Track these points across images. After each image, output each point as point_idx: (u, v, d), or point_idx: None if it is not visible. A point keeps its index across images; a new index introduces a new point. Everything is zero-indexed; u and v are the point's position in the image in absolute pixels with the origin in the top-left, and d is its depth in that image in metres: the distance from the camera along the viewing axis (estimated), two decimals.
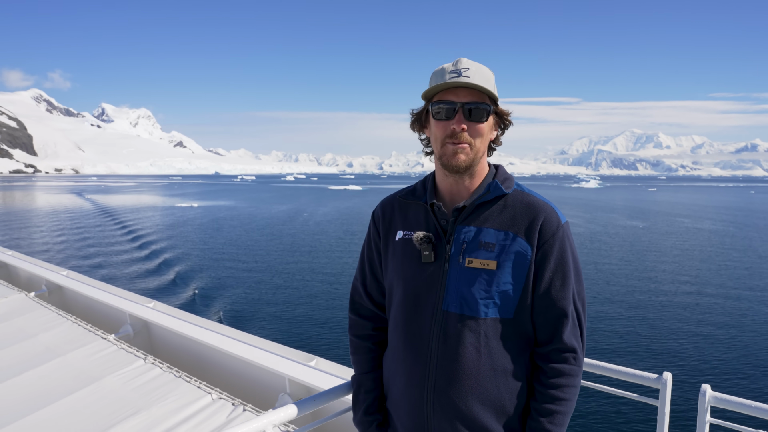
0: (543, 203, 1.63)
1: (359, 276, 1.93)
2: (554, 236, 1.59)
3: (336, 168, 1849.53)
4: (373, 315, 1.89)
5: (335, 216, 48.91)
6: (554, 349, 1.60)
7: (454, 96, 1.58)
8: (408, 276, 1.68)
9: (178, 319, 4.36)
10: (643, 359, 11.82)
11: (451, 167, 1.61)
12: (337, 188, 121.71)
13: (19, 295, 5.25)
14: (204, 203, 67.85)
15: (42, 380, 3.39)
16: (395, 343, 1.73)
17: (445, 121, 1.60)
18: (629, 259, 24.77)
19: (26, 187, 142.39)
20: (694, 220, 47.28)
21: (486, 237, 1.59)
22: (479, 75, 1.56)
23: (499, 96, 1.63)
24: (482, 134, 1.61)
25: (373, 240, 1.86)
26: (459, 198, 1.69)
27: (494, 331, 1.57)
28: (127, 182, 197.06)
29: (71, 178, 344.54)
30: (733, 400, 1.87)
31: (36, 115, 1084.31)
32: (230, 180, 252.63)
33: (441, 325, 1.60)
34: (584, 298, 1.65)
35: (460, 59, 1.60)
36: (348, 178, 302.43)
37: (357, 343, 1.92)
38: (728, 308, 16.29)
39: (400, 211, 1.79)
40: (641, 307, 16.20)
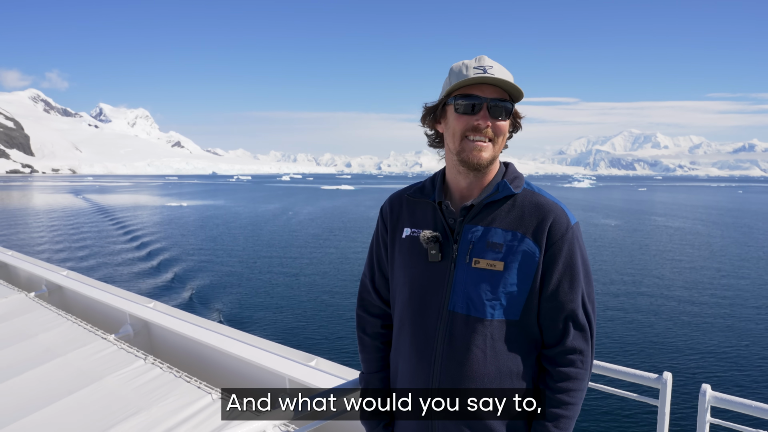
0: (552, 203, 1.60)
1: (368, 272, 1.89)
2: (563, 237, 1.56)
3: (334, 168, 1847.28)
4: (381, 312, 1.86)
5: (327, 215, 49.27)
6: (561, 352, 1.58)
7: (479, 92, 1.55)
8: (414, 275, 1.66)
9: (178, 319, 4.36)
10: (643, 359, 11.85)
11: (470, 164, 1.59)
12: (329, 188, 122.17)
13: (19, 295, 5.25)
14: (194, 203, 68.33)
15: (42, 380, 3.39)
16: (400, 342, 1.72)
17: (467, 116, 1.57)
18: (629, 259, 24.80)
19: (23, 187, 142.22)
20: (667, 218, 48.21)
21: (493, 237, 1.57)
22: (503, 73, 1.55)
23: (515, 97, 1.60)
24: (504, 132, 1.60)
25: (380, 235, 1.84)
26: (468, 196, 1.66)
27: (500, 333, 1.56)
28: (122, 182, 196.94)
29: (67, 178, 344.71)
30: (733, 400, 1.87)
31: (33, 115, 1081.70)
32: (226, 180, 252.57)
33: (447, 326, 1.58)
34: (594, 300, 1.62)
35: (482, 56, 1.58)
36: (344, 178, 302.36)
37: (365, 341, 1.88)
38: (728, 308, 16.34)
39: (407, 208, 1.76)
40: (641, 307, 16.24)
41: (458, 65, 1.60)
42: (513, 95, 1.58)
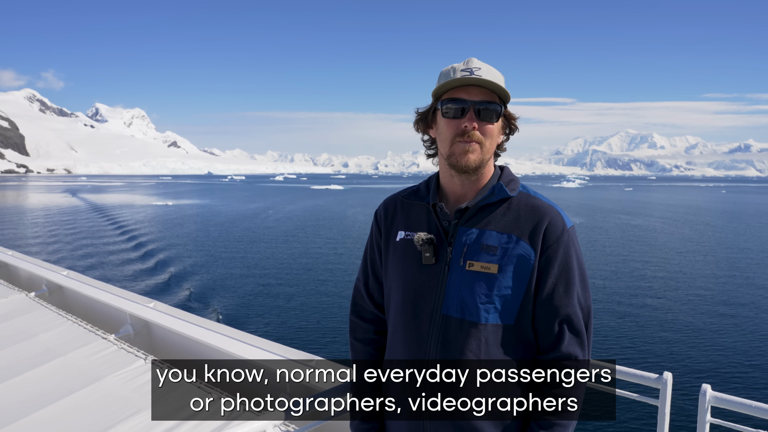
0: (548, 206, 1.58)
1: (361, 276, 1.87)
2: (558, 241, 1.54)
3: (331, 168, 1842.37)
4: (375, 318, 1.83)
5: (306, 214, 49.92)
6: (556, 358, 1.54)
7: (465, 94, 1.54)
8: (408, 278, 1.64)
9: (179, 319, 4.35)
10: (643, 359, 11.86)
11: (460, 167, 1.57)
12: (318, 188, 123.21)
13: (19, 295, 5.23)
14: (180, 202, 68.97)
15: (42, 380, 3.38)
16: (393, 346, 1.69)
17: (455, 120, 1.55)
18: (629, 259, 24.84)
19: (18, 186, 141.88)
20: (631, 216, 49.32)
21: (488, 240, 1.55)
22: (491, 75, 1.54)
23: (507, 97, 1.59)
24: (492, 135, 1.58)
25: (375, 239, 1.81)
26: (463, 199, 1.64)
27: (495, 337, 1.53)
28: (115, 182, 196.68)
29: (61, 177, 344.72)
30: (734, 399, 1.88)
31: (29, 115, 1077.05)
32: (219, 180, 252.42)
33: (440, 330, 1.56)
34: (590, 305, 1.59)
35: (470, 59, 1.57)
36: (337, 179, 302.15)
37: (357, 348, 1.85)
38: (728, 308, 16.39)
39: (402, 211, 1.74)
40: (641, 307, 16.28)
41: (447, 69, 1.59)
42: (502, 97, 1.57)
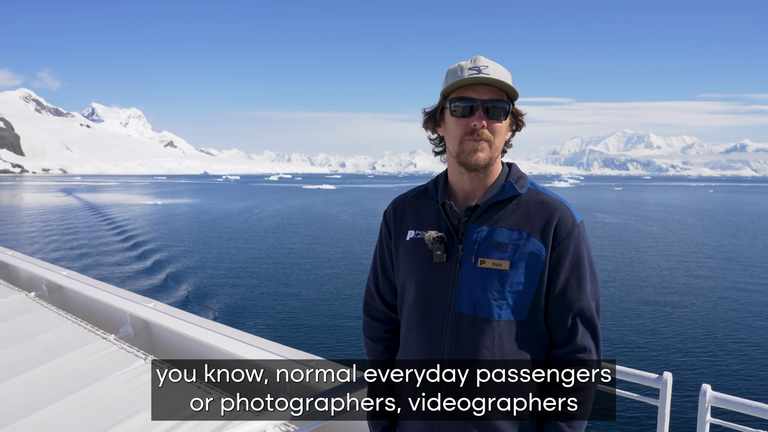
0: (558, 202, 1.60)
1: (372, 277, 1.89)
2: (569, 236, 1.56)
3: (328, 168, 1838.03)
4: (385, 317, 1.85)
5: (308, 214, 50.05)
6: (570, 351, 1.57)
7: (474, 93, 1.55)
8: (420, 276, 1.64)
9: (179, 319, 4.35)
10: (643, 359, 11.87)
11: (469, 165, 1.58)
12: (310, 188, 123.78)
13: (19, 295, 5.23)
14: (169, 201, 69.53)
15: (42, 380, 3.38)
16: (407, 344, 1.71)
17: (464, 118, 1.56)
18: (630, 259, 24.87)
19: (14, 186, 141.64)
20: (606, 214, 50.36)
21: (499, 237, 1.56)
22: (498, 73, 1.55)
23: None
24: (501, 132, 1.59)
25: (384, 240, 1.82)
26: (472, 197, 1.65)
27: (508, 333, 1.55)
28: (109, 182, 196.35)
29: (55, 177, 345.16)
30: (734, 400, 1.89)
31: (24, 114, 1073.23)
32: (214, 180, 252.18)
33: (453, 327, 1.57)
34: (599, 299, 1.63)
35: (477, 57, 1.57)
36: (332, 178, 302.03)
37: (370, 346, 1.88)
38: (728, 308, 16.41)
39: (411, 211, 1.75)
40: (641, 307, 16.29)
41: (454, 67, 1.60)
42: (510, 94, 1.58)
